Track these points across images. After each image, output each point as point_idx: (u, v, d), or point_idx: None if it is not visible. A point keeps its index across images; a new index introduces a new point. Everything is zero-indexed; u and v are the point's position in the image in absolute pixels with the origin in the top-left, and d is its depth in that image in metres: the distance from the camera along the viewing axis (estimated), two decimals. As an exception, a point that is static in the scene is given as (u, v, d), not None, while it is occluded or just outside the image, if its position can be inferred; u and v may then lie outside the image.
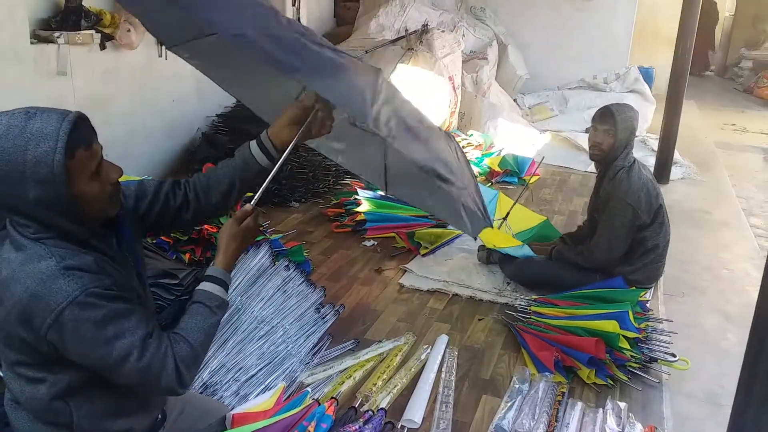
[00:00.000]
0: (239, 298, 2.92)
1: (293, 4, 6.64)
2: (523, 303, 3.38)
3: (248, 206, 1.65)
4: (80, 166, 1.33)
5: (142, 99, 4.56)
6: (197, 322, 1.50)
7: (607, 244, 3.28)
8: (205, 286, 1.56)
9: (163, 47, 4.55)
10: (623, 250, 3.29)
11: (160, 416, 1.72)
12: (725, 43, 14.45)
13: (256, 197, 1.70)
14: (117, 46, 4.23)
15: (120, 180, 1.47)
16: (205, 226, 3.28)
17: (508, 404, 2.59)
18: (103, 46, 4.14)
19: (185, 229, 3.15)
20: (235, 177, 1.72)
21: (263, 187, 1.72)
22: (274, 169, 1.73)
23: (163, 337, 1.43)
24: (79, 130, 1.33)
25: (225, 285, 1.58)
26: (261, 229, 1.67)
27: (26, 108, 1.32)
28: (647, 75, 8.48)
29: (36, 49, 3.74)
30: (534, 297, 3.42)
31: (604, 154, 3.29)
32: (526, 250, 3.63)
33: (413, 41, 6.31)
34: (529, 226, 4.11)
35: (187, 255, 3.21)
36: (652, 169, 5.71)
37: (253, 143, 1.73)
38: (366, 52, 6.32)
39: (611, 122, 3.22)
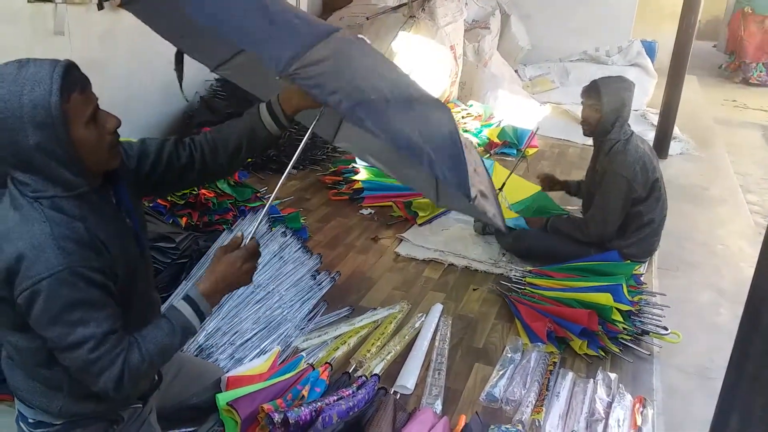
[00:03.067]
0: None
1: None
2: (517, 274, 3.39)
3: (239, 234, 1.58)
4: (76, 109, 1.33)
5: (140, 61, 4.50)
6: (156, 335, 1.44)
7: (602, 217, 3.28)
8: (179, 304, 1.50)
9: (162, 9, 4.49)
10: (617, 223, 3.30)
11: (156, 377, 1.73)
12: (729, 18, 14.28)
13: (255, 225, 1.63)
14: (115, 7, 4.17)
15: (119, 138, 1.46)
16: (202, 191, 3.28)
17: (500, 373, 2.62)
18: (100, 6, 4.06)
19: (191, 187, 3.11)
20: (242, 140, 1.69)
21: (270, 201, 1.70)
22: (290, 165, 1.68)
23: (123, 341, 1.38)
24: (72, 74, 1.33)
25: (199, 310, 1.50)
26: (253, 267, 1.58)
27: (17, 59, 1.33)
28: (650, 49, 8.40)
29: (33, 8, 3.68)
30: (529, 268, 3.43)
31: (592, 129, 3.28)
32: (520, 221, 3.64)
33: (415, 8, 6.22)
34: (525, 197, 4.11)
35: (184, 219, 3.21)
36: (651, 144, 5.75)
37: (263, 107, 1.68)
38: (367, 18, 6.24)
39: (596, 97, 3.19)
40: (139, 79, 4.54)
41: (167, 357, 1.48)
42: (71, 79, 1.32)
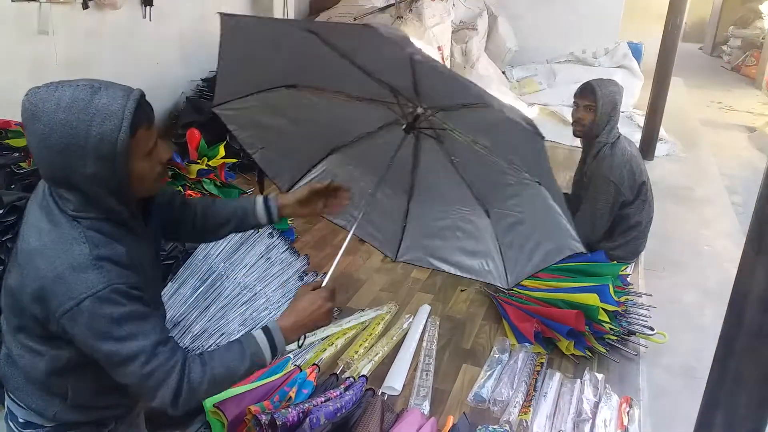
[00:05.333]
0: (222, 264, 2.91)
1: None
2: (505, 275, 3.39)
3: (331, 285, 1.66)
4: (140, 144, 1.31)
5: (125, 61, 4.47)
6: (224, 356, 1.44)
7: (590, 221, 3.28)
8: (255, 332, 1.50)
9: (148, 8, 4.47)
10: (606, 226, 3.31)
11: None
12: (714, 20, 14.43)
13: (329, 275, 1.74)
14: (100, 6, 4.13)
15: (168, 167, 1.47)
16: (188, 192, 3.26)
17: (488, 373, 2.62)
18: (85, 5, 4.04)
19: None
20: (231, 219, 1.76)
21: (334, 264, 1.79)
22: (337, 258, 1.81)
23: (177, 351, 1.38)
24: (142, 108, 1.31)
25: (273, 344, 1.49)
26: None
27: (90, 81, 1.29)
28: (636, 50, 8.45)
29: (17, 7, 3.65)
30: (516, 269, 3.43)
31: (586, 129, 3.28)
32: None
33: (403, 9, 6.23)
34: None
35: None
36: (637, 145, 5.78)
37: (260, 200, 1.77)
38: (354, 19, 6.24)
39: (592, 98, 3.20)
40: (125, 79, 4.44)
41: (229, 380, 1.46)
42: (141, 114, 1.30)
